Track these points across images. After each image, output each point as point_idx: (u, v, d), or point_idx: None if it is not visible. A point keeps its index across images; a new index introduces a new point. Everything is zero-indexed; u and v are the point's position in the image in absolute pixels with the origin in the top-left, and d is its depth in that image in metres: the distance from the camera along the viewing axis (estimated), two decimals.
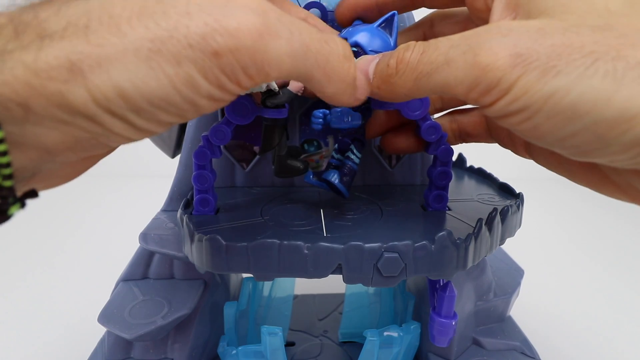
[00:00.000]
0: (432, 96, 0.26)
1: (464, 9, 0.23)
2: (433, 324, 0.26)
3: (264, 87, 0.22)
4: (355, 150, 0.26)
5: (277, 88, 0.23)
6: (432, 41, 0.17)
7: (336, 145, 0.27)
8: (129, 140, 0.15)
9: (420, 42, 0.18)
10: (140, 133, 0.15)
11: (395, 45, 0.23)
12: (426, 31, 0.23)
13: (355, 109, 0.24)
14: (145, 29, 0.13)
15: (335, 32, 0.24)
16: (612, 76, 0.14)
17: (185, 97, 0.14)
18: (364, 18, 0.25)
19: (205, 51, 0.14)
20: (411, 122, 0.26)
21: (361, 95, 0.20)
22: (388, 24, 0.23)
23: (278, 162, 0.26)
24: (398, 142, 0.27)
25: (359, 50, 0.23)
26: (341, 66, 0.17)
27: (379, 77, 0.19)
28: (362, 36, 0.23)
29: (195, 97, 0.15)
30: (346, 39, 0.23)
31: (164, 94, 0.14)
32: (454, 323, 0.25)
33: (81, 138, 0.14)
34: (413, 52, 0.18)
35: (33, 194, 0.15)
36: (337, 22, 0.26)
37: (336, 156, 0.27)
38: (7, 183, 0.13)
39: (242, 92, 0.16)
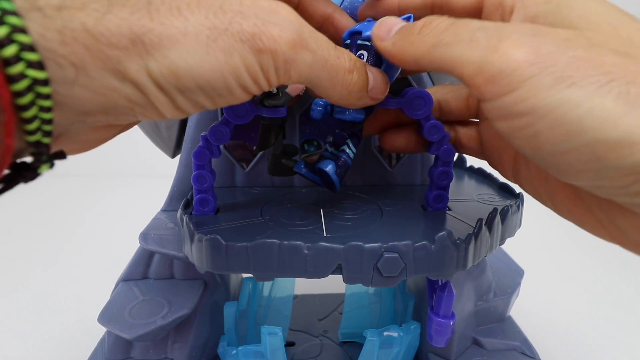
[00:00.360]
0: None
1: None
2: (431, 324, 0.26)
3: None
4: (351, 145, 0.25)
5: (275, 89, 0.23)
6: (464, 19, 0.18)
7: (331, 138, 0.27)
8: (161, 116, 0.16)
9: (449, 18, 0.18)
10: (175, 111, 0.16)
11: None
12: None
13: None
14: (205, 18, 0.15)
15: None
16: (625, 99, 0.14)
17: (228, 84, 0.16)
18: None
19: (252, 48, 0.16)
20: (411, 121, 0.26)
21: (366, 99, 0.22)
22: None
23: (272, 160, 0.26)
24: (398, 141, 0.27)
25: (371, 45, 0.22)
26: (345, 78, 0.20)
27: (400, 33, 0.20)
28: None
29: (234, 85, 0.16)
30: (360, 32, 0.23)
31: (212, 78, 0.15)
32: (452, 323, 0.25)
33: (120, 105, 0.15)
34: (443, 21, 0.18)
35: (61, 155, 0.16)
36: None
37: (330, 149, 0.27)
38: (46, 140, 0.14)
39: (268, 89, 0.18)
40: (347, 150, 0.25)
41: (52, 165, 0.15)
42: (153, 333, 0.28)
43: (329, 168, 0.25)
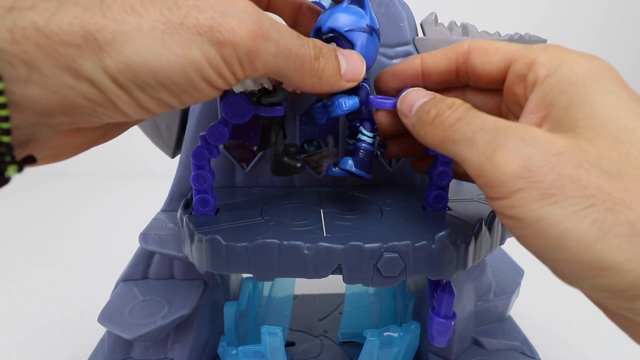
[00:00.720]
0: None
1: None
2: (432, 324, 0.26)
3: (251, 86, 0.22)
4: (365, 131, 0.25)
5: (271, 86, 0.23)
6: (470, 113, 0.19)
7: (348, 131, 0.27)
8: (125, 117, 0.16)
9: (461, 106, 0.19)
10: (139, 110, 0.16)
11: (372, 19, 0.23)
12: (459, 62, 0.23)
13: (350, 92, 0.24)
14: (159, 14, 0.15)
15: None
16: (600, 226, 0.14)
17: (190, 78, 0.16)
18: None
19: (212, 40, 0.16)
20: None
21: (341, 84, 0.22)
22: (356, 0, 0.23)
23: (275, 160, 0.26)
24: (402, 149, 0.28)
25: (336, 35, 0.23)
26: (312, 66, 0.20)
27: (418, 116, 0.21)
28: (334, 19, 0.23)
29: (197, 80, 0.16)
30: (320, 27, 0.23)
31: (172, 72, 0.15)
32: (453, 323, 0.25)
33: (80, 104, 0.15)
34: (452, 114, 0.19)
35: (31, 159, 0.16)
36: (376, 89, 0.26)
37: (350, 142, 0.26)
38: (5, 138, 0.14)
39: (235, 83, 0.18)
40: (363, 137, 0.25)
41: (20, 169, 0.15)
42: (153, 333, 0.28)
43: (349, 165, 0.24)
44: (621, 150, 0.15)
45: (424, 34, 0.30)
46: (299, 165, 0.26)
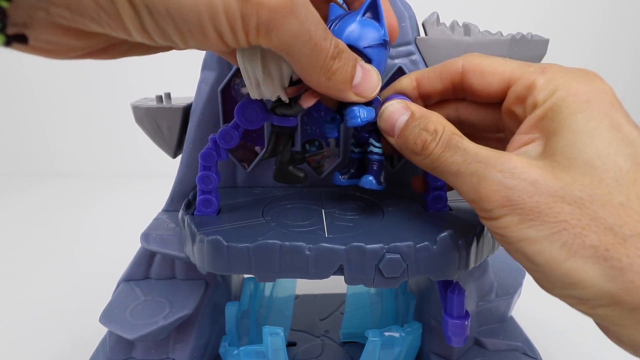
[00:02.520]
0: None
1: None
2: (447, 326, 0.25)
3: (268, 95, 0.22)
4: (374, 142, 0.25)
5: (287, 99, 0.23)
6: (452, 142, 0.20)
7: (353, 140, 0.27)
8: (127, 33, 0.16)
9: (445, 134, 0.21)
10: (142, 33, 0.16)
11: (386, 33, 0.22)
12: (455, 81, 0.23)
13: (368, 103, 0.23)
14: None
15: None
16: (568, 248, 0.17)
17: (201, 21, 0.15)
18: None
19: None
20: None
21: (351, 96, 0.21)
22: (372, 9, 0.22)
23: (279, 167, 0.26)
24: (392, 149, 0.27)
25: (352, 50, 0.22)
26: (326, 63, 0.19)
27: (404, 143, 0.22)
28: (352, 34, 0.21)
29: (208, 25, 0.16)
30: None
31: (184, 8, 0.15)
32: (467, 323, 0.25)
33: (85, 3, 0.14)
34: (437, 146, 0.21)
35: (22, 38, 0.15)
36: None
37: (356, 150, 0.26)
38: (4, 3, 0.14)
39: (245, 46, 0.17)
40: (375, 149, 0.25)
41: (8, 43, 0.15)
42: (155, 333, 0.28)
43: (373, 185, 0.24)
44: (594, 176, 0.17)
45: (426, 34, 0.30)
46: (302, 175, 0.26)
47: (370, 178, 0.24)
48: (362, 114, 0.23)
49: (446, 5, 0.61)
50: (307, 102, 0.23)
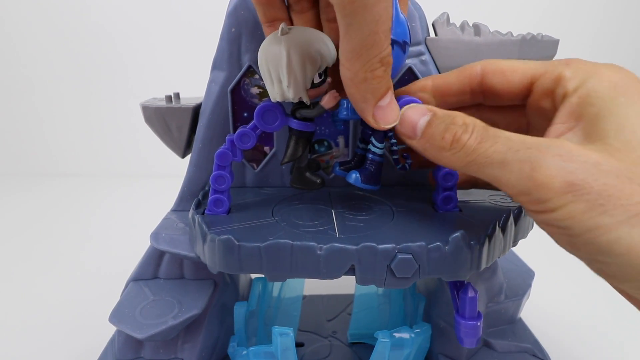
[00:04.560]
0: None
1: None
2: (459, 327, 0.25)
3: (290, 98, 0.22)
4: (375, 142, 0.25)
5: (309, 101, 0.23)
6: (490, 132, 0.19)
7: (360, 135, 0.27)
8: None
9: (478, 126, 0.19)
10: None
11: (407, 34, 0.22)
12: (473, 84, 0.23)
13: None
14: None
15: None
16: None
17: None
18: None
19: None
20: None
21: (374, 121, 0.21)
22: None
23: (297, 173, 0.26)
24: (422, 160, 0.27)
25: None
26: (371, 60, 0.19)
27: (429, 141, 0.21)
28: None
29: None
30: None
31: None
32: (479, 324, 0.25)
33: None
34: (471, 137, 0.19)
35: None
36: None
37: (361, 145, 0.27)
38: None
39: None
40: (373, 149, 0.25)
41: None
42: (164, 333, 0.28)
43: (354, 180, 0.25)
44: None
45: (436, 34, 0.30)
46: (319, 181, 0.26)
47: (355, 175, 0.24)
48: (348, 109, 0.23)
49: (456, 5, 0.61)
50: (329, 103, 0.23)
